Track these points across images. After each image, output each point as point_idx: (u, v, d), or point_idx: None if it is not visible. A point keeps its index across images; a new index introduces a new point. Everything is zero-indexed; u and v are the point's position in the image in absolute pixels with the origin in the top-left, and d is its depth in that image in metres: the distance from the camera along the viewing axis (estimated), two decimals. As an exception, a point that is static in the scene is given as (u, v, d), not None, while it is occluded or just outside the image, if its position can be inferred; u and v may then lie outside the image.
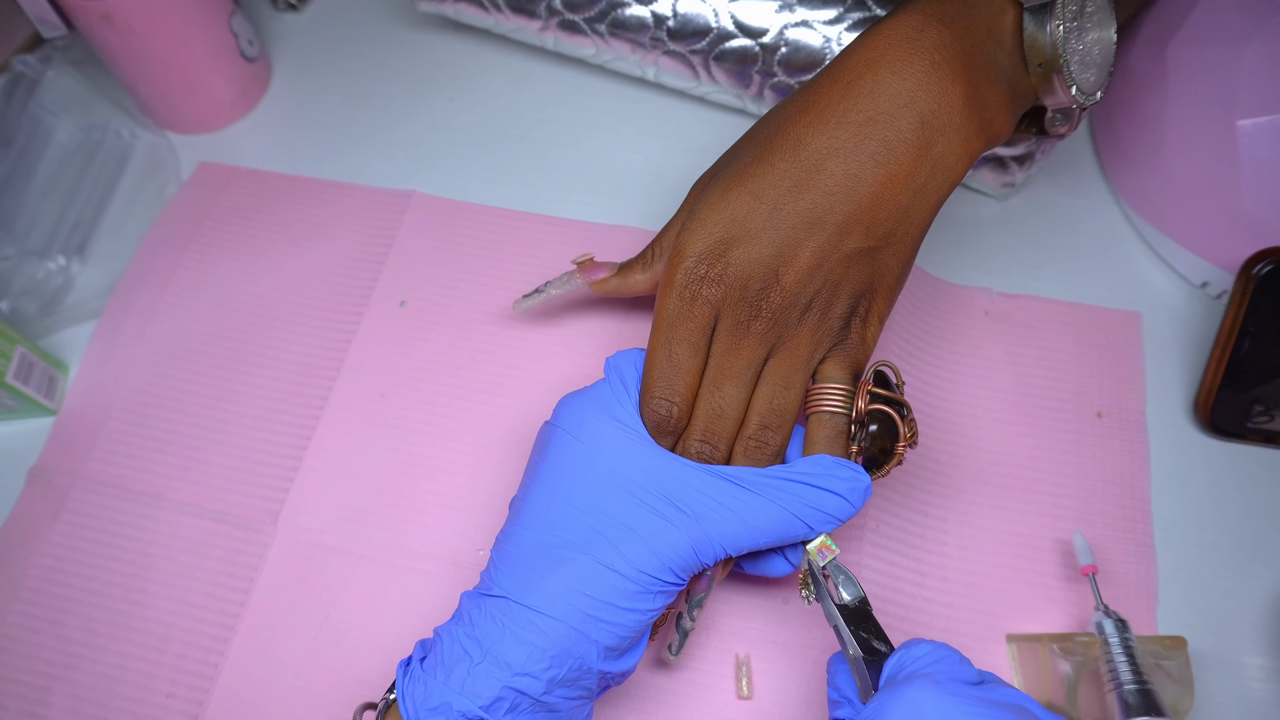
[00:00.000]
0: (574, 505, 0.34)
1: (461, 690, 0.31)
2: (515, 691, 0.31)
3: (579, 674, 0.32)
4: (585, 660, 0.32)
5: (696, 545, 0.33)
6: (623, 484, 0.34)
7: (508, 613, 0.32)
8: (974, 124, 0.34)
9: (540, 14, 0.52)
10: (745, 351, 0.35)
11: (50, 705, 0.40)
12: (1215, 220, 0.46)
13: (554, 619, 0.32)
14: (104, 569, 0.43)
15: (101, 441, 0.46)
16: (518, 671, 0.31)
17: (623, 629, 0.32)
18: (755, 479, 0.34)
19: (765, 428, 0.35)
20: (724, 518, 0.33)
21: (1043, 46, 0.35)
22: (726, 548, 0.34)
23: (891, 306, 0.37)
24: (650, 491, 0.34)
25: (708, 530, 0.33)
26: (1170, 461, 0.44)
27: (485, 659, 0.31)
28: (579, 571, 0.32)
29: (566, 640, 0.32)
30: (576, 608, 0.32)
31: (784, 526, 0.34)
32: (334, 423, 0.46)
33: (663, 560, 0.33)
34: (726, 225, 0.35)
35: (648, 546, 0.33)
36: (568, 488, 0.34)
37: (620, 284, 0.41)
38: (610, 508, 0.34)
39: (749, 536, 0.33)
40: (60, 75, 0.57)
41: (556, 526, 0.34)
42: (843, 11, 0.48)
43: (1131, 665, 0.36)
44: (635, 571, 0.32)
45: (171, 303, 0.50)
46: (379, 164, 0.55)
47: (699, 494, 0.34)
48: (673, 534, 0.33)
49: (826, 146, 0.34)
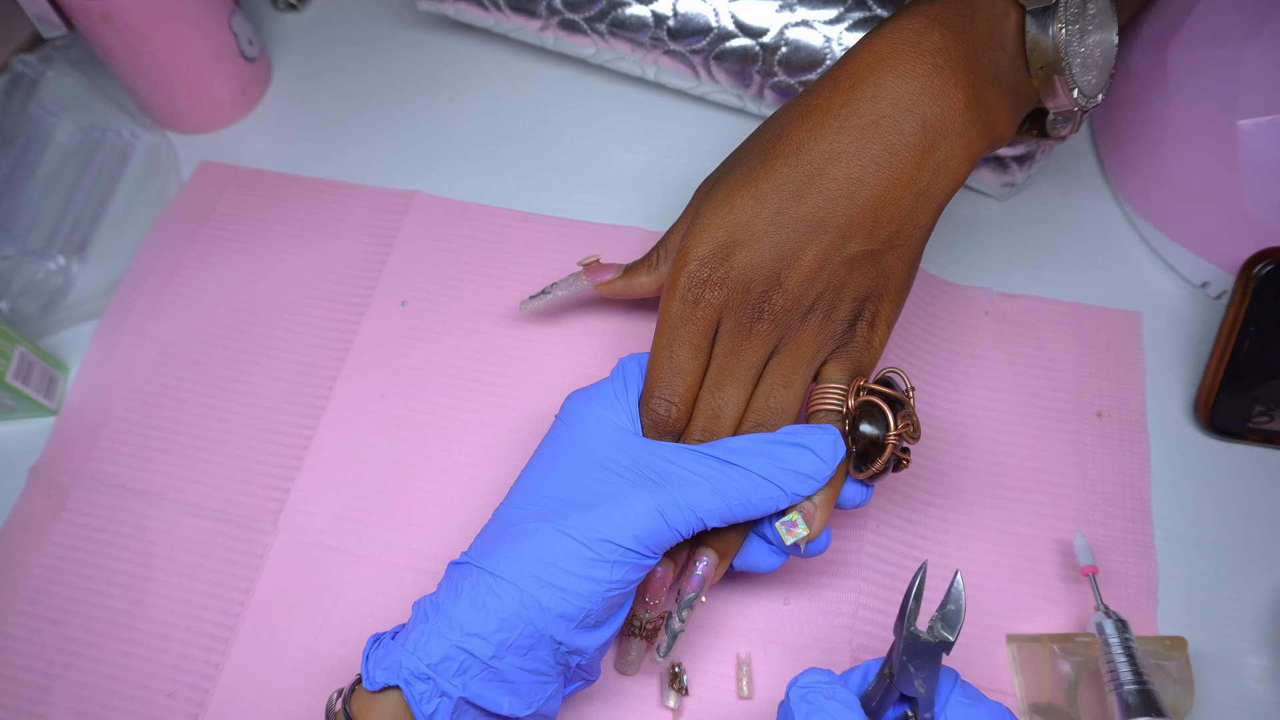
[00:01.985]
0: (551, 481, 0.35)
1: (414, 650, 0.31)
2: (464, 652, 0.31)
3: (532, 642, 0.32)
4: (538, 627, 0.31)
5: (664, 509, 0.33)
6: (598, 460, 0.35)
7: (468, 577, 0.33)
8: (977, 127, 0.34)
9: (540, 13, 0.52)
10: (747, 353, 0.35)
11: (50, 705, 0.40)
12: (1215, 220, 0.46)
13: (507, 581, 0.32)
14: (104, 569, 0.43)
15: (102, 441, 0.46)
16: (467, 632, 0.31)
17: (578, 598, 0.32)
18: (728, 446, 0.34)
19: (760, 425, 0.36)
20: (693, 482, 0.33)
21: (1045, 49, 0.35)
22: (699, 513, 0.33)
23: (899, 310, 0.37)
24: (624, 465, 0.34)
25: (675, 495, 0.33)
26: (1170, 461, 0.44)
27: (438, 618, 0.32)
28: (538, 538, 0.33)
29: (518, 604, 0.31)
30: (530, 572, 0.32)
31: (755, 490, 0.33)
32: (335, 423, 0.46)
33: (623, 527, 0.32)
34: (729, 229, 0.35)
35: (610, 512, 0.33)
36: (549, 468, 0.35)
37: (626, 286, 0.42)
38: (582, 481, 0.34)
39: (720, 501, 0.33)
40: (60, 75, 0.57)
41: (530, 501, 0.34)
42: (843, 11, 0.48)
43: (1132, 665, 0.36)
44: (594, 538, 0.32)
45: (172, 302, 0.50)
46: (379, 164, 0.55)
47: (670, 464, 0.34)
48: (637, 500, 0.33)
49: (829, 150, 0.34)
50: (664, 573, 0.37)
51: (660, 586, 0.37)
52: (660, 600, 0.37)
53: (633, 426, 0.36)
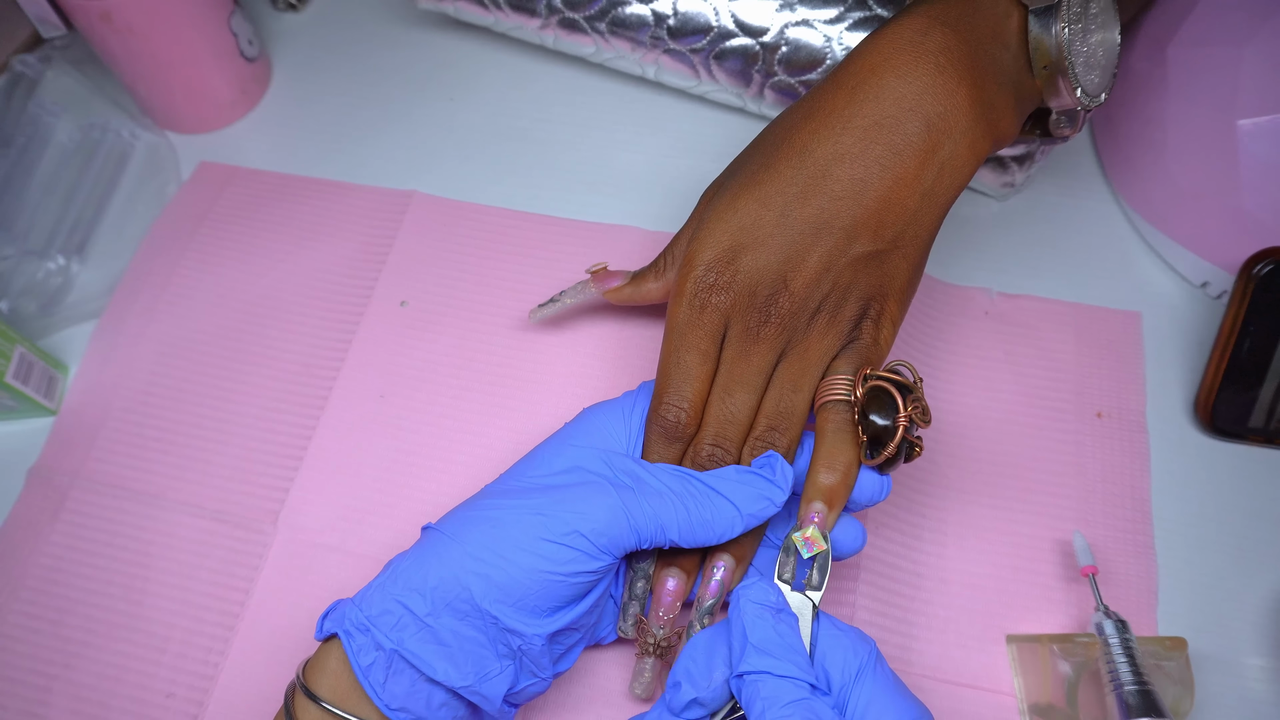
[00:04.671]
0: (528, 469, 0.36)
1: (359, 602, 0.32)
2: (402, 606, 0.32)
3: (468, 608, 0.32)
4: (474, 594, 0.32)
5: (629, 508, 0.33)
6: (577, 458, 0.36)
7: (425, 538, 0.34)
8: (980, 126, 0.34)
9: (540, 12, 0.52)
10: (755, 357, 0.35)
11: (50, 705, 0.40)
12: (1215, 220, 0.46)
13: (455, 542, 0.32)
14: (104, 569, 0.43)
15: (102, 441, 0.46)
16: (409, 587, 0.32)
17: (520, 571, 0.32)
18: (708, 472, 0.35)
19: (772, 429, 0.35)
20: (661, 493, 0.34)
21: (1048, 49, 0.35)
22: (662, 520, 0.33)
23: (904, 310, 0.37)
24: (599, 467, 0.35)
25: (642, 500, 0.33)
26: (1170, 461, 0.44)
27: (386, 573, 0.33)
28: (495, 511, 0.33)
29: (458, 564, 0.32)
30: (478, 537, 0.32)
31: (714, 508, 0.34)
32: (334, 422, 0.46)
33: (582, 513, 0.33)
34: (735, 233, 0.35)
35: (571, 497, 0.33)
36: (531, 458, 0.37)
37: (634, 293, 0.42)
38: (555, 473, 0.35)
39: (684, 512, 0.33)
40: (60, 75, 0.57)
41: (503, 483, 0.36)
42: (843, 10, 0.48)
43: (1132, 666, 0.36)
44: (549, 518, 0.33)
45: (172, 302, 0.50)
46: (379, 164, 0.55)
47: (642, 472, 0.35)
48: (602, 494, 0.33)
49: (832, 152, 0.34)
50: (675, 585, 0.36)
51: (673, 600, 0.36)
52: (674, 615, 0.36)
53: (626, 444, 0.37)
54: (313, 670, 0.32)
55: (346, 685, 0.31)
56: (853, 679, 0.31)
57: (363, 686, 0.31)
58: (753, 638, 0.31)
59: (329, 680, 0.32)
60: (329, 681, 0.32)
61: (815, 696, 0.30)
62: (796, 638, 0.32)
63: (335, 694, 0.31)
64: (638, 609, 0.37)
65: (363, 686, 0.31)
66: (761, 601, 0.32)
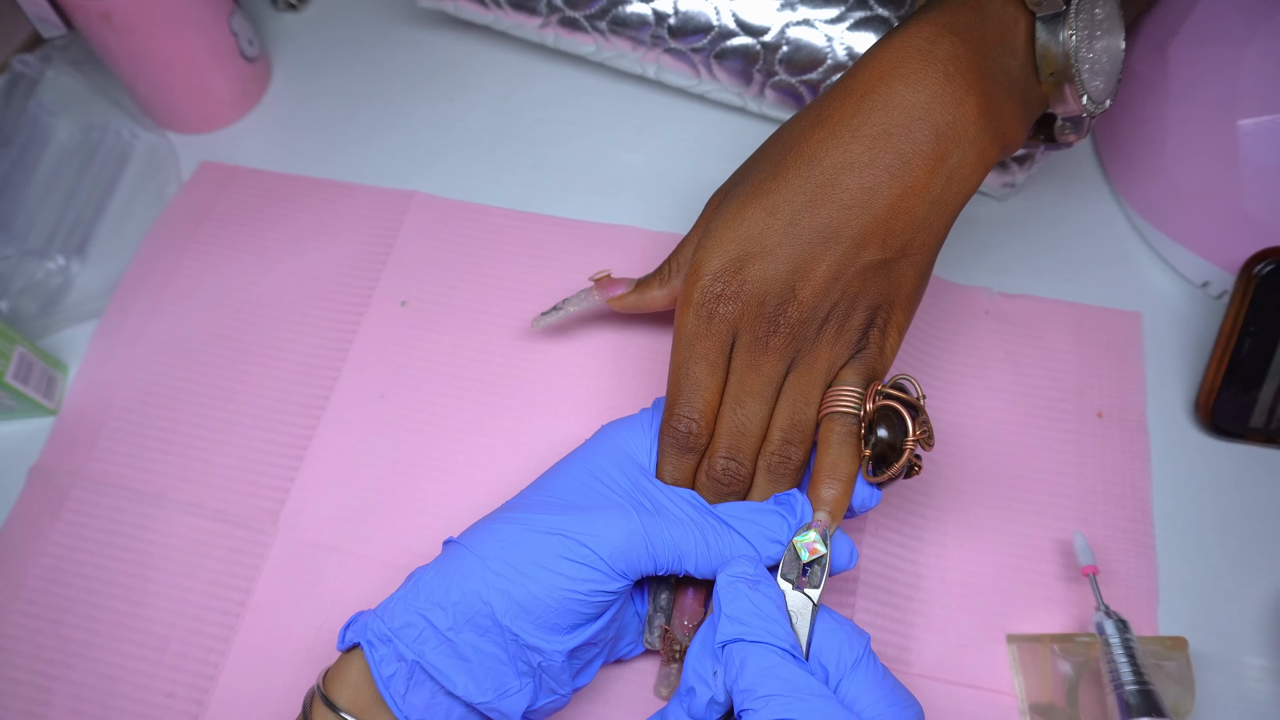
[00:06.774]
0: (550, 485, 0.36)
1: (382, 614, 0.32)
2: (424, 620, 0.32)
3: (489, 623, 0.32)
4: (495, 609, 0.32)
5: (649, 532, 0.33)
6: (599, 475, 0.36)
7: (448, 551, 0.34)
8: (988, 134, 0.34)
9: (540, 10, 0.52)
10: (765, 368, 0.35)
11: (50, 705, 0.40)
12: (1216, 220, 0.46)
13: (477, 557, 0.33)
14: (104, 569, 0.43)
15: (102, 441, 0.46)
16: (431, 601, 0.32)
17: (540, 588, 0.32)
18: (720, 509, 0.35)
19: (788, 443, 0.36)
20: (682, 522, 0.34)
21: (1055, 55, 0.35)
22: (680, 549, 0.34)
23: (910, 318, 0.37)
24: (621, 486, 0.35)
25: (663, 525, 0.34)
26: (1170, 461, 0.44)
27: (409, 586, 0.33)
28: (517, 526, 0.33)
29: (480, 580, 0.32)
30: (500, 553, 0.33)
31: (734, 549, 0.34)
32: (335, 422, 0.46)
33: (601, 535, 0.33)
34: (742, 242, 0.35)
35: (593, 518, 0.33)
36: (554, 474, 0.37)
37: (638, 300, 0.41)
38: (577, 490, 0.35)
39: (703, 545, 0.34)
40: (60, 75, 0.57)
41: (525, 499, 0.36)
42: (844, 10, 0.48)
43: (1132, 666, 0.36)
44: (569, 537, 0.33)
45: (172, 302, 0.50)
46: (379, 164, 0.55)
47: (665, 499, 0.35)
48: (622, 516, 0.33)
49: (841, 160, 0.34)
50: (698, 593, 0.37)
51: (698, 606, 0.37)
52: (698, 622, 0.37)
53: (648, 459, 0.37)
54: (333, 680, 0.32)
55: (367, 697, 0.32)
56: (848, 670, 0.31)
57: (384, 697, 0.31)
58: (728, 609, 0.32)
59: (349, 691, 0.32)
60: (349, 692, 0.32)
61: (790, 661, 0.31)
62: (772, 606, 0.32)
63: (355, 704, 0.32)
64: (663, 620, 0.37)
65: (384, 697, 0.31)
66: (737, 575, 0.33)
